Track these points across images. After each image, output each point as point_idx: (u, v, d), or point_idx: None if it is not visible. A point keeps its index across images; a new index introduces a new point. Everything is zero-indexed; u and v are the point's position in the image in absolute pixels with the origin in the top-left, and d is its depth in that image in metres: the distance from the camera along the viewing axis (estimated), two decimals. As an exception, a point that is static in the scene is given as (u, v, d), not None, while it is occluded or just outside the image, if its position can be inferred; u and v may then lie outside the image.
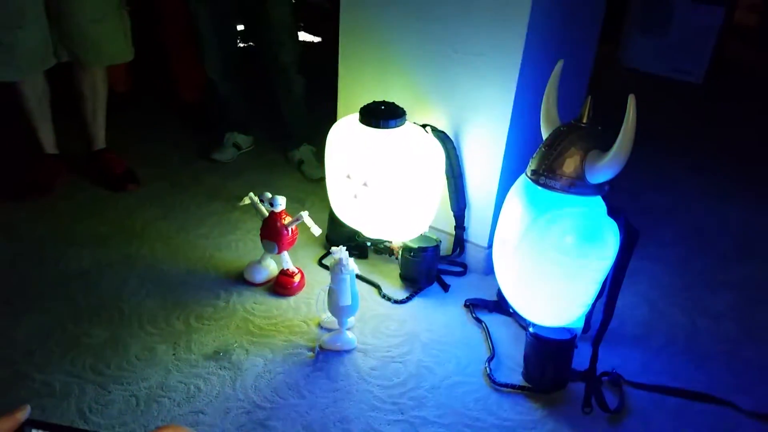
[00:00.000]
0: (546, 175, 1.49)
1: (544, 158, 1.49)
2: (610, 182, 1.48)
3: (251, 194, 1.97)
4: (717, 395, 1.67)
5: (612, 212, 1.51)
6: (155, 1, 2.98)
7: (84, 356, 1.68)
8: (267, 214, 1.96)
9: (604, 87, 3.60)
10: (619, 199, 1.56)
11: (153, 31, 3.04)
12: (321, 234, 2.03)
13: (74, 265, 2.05)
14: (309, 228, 1.93)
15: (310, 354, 1.74)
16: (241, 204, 1.97)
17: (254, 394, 1.60)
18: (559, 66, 1.59)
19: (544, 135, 1.57)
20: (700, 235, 2.45)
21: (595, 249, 1.51)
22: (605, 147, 1.42)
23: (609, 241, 1.51)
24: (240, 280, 2.01)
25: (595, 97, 1.51)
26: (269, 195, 1.94)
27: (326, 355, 1.74)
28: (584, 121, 1.48)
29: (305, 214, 1.92)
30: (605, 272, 1.57)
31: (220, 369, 1.67)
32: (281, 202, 1.93)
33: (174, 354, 1.71)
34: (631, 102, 1.35)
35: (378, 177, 1.84)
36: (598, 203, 1.51)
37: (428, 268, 2.03)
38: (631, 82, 4.22)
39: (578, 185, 1.46)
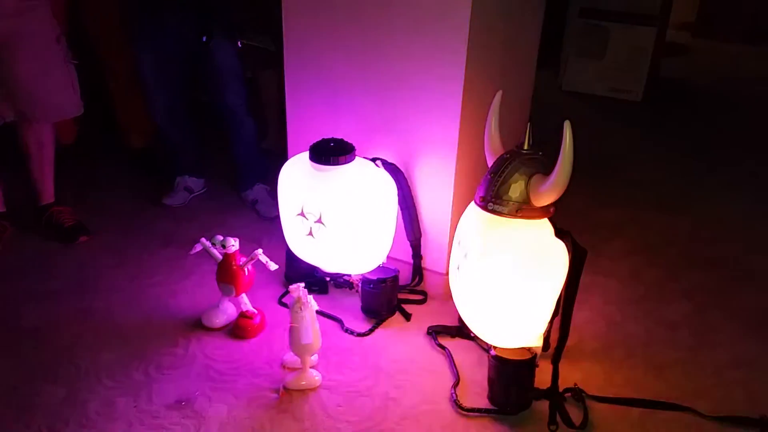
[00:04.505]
0: (493, 201, 1.53)
1: (490, 185, 1.53)
2: (555, 204, 1.52)
3: (202, 240, 1.95)
4: (677, 402, 1.72)
5: (559, 233, 1.55)
6: (98, 49, 2.96)
7: (39, 416, 1.63)
8: (221, 257, 1.94)
9: (546, 112, 3.72)
10: (567, 219, 1.61)
11: (97, 80, 3.01)
12: (280, 272, 2.02)
13: (26, 323, 2.00)
14: (266, 265, 1.92)
15: (275, 394, 1.72)
16: (193, 252, 1.95)
17: (219, 442, 1.57)
18: (498, 97, 1.64)
19: (489, 162, 1.61)
20: (648, 248, 2.52)
21: (545, 270, 1.55)
22: (547, 171, 1.47)
23: (558, 261, 1.55)
24: (198, 325, 1.99)
25: (538, 122, 1.56)
26: (220, 237, 1.93)
27: (291, 395, 1.72)
28: (526, 147, 1.54)
29: (260, 252, 1.92)
30: (557, 291, 1.61)
31: (184, 418, 1.64)
32: (233, 242, 1.92)
33: (135, 406, 1.67)
34: (567, 127, 1.41)
35: (331, 213, 1.85)
36: (545, 225, 1.55)
37: (388, 298, 2.04)
38: (572, 105, 4.36)
39: (525, 209, 1.50)
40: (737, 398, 1.75)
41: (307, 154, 1.89)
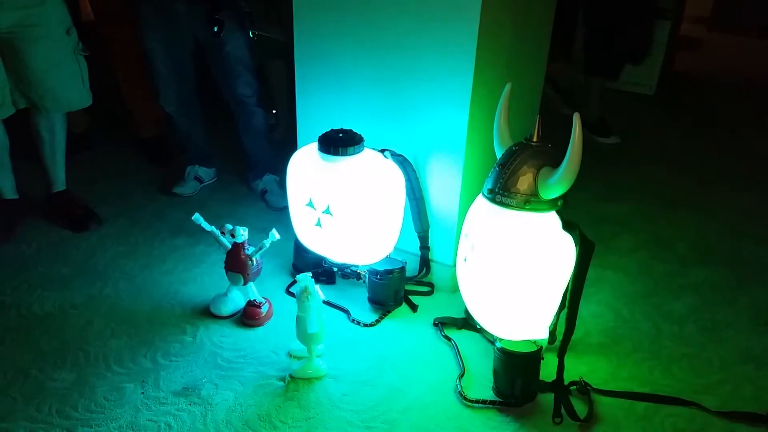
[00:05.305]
0: (502, 194, 1.52)
1: (498, 177, 1.53)
2: (564, 197, 1.52)
3: (212, 227, 1.96)
4: (683, 398, 1.71)
5: (566, 226, 1.55)
6: (106, 40, 2.97)
7: (49, 401, 1.65)
8: (229, 246, 1.95)
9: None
10: (575, 212, 1.61)
11: (107, 69, 3.03)
12: (287, 262, 2.00)
13: (36, 309, 2.02)
14: (275, 254, 1.93)
15: (282, 382, 1.73)
16: (195, 220, 1.94)
17: (226, 429, 1.58)
18: (507, 89, 1.64)
19: (498, 154, 1.61)
20: (658, 243, 2.51)
21: (552, 262, 1.54)
22: (556, 163, 1.46)
23: (565, 254, 1.54)
24: (206, 313, 2.00)
25: (549, 115, 1.55)
26: (230, 226, 1.93)
27: (297, 384, 1.73)
28: (535, 139, 1.53)
29: (268, 241, 1.93)
30: (564, 284, 1.61)
31: (190, 405, 1.65)
32: (243, 232, 1.93)
33: (142, 392, 1.69)
34: (576, 119, 1.40)
35: (340, 204, 1.86)
36: (552, 218, 1.55)
37: (395, 289, 2.04)
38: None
39: (533, 201, 1.50)
40: (745, 394, 1.75)
41: (316, 144, 1.90)
